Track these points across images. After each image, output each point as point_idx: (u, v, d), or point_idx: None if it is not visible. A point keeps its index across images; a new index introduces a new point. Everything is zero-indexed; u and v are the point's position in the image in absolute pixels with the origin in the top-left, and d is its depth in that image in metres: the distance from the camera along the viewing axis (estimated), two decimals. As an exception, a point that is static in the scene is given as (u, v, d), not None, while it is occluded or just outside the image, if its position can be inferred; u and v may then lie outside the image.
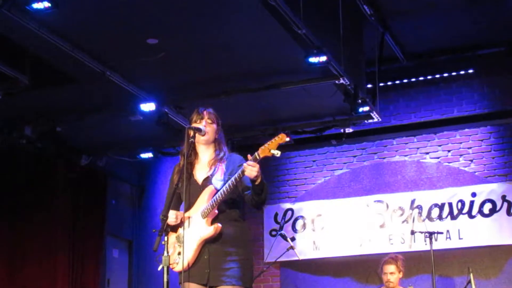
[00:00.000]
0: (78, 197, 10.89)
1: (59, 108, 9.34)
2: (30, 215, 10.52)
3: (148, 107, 9.10)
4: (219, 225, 5.14)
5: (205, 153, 5.42)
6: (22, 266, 10.40)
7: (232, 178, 5.05)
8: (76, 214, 10.80)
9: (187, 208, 5.25)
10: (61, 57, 7.82)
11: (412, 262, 8.90)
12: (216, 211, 5.16)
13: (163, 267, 4.99)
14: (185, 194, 5.20)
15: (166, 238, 5.06)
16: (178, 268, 5.22)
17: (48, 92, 8.83)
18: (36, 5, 6.67)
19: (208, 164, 5.36)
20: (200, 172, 5.36)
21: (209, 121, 5.36)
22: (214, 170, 5.30)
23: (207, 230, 5.13)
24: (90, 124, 9.79)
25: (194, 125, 5.31)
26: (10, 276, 10.36)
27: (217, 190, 5.16)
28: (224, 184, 5.16)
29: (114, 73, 8.37)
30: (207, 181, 5.28)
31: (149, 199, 12.08)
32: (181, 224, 5.23)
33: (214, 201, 5.09)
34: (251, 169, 4.91)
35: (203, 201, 5.20)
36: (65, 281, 10.40)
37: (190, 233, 5.18)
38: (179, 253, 5.24)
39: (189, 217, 5.23)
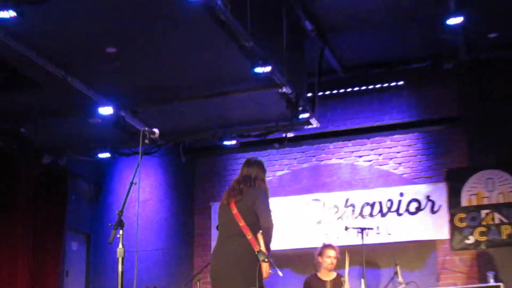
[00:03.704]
0: (40, 194, 10.74)
1: (23, 110, 9.21)
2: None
3: (106, 110, 9.03)
4: None
5: None
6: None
7: None
8: (37, 210, 10.65)
9: None
10: (25, 62, 7.73)
11: (345, 255, 8.93)
12: None
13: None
14: None
15: (121, 231, 5.03)
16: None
17: (13, 95, 8.70)
18: (1, 14, 6.56)
19: None
20: None
21: None
22: None
23: None
24: (52, 125, 9.69)
25: None
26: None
27: None
28: None
29: (74, 79, 8.28)
30: None
31: (106, 195, 11.99)
32: None
33: None
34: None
35: None
36: (26, 273, 10.24)
37: None
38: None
39: None
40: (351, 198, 10.42)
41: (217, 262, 6.10)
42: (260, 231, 5.98)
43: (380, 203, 10.25)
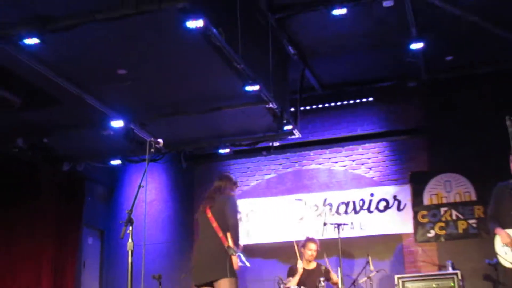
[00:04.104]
0: (60, 196, 10.70)
1: (45, 123, 9.16)
2: (21, 210, 10.27)
3: (117, 124, 8.99)
4: None
5: None
6: (12, 250, 10.14)
7: None
8: (59, 209, 10.61)
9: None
10: (48, 82, 7.69)
11: (324, 247, 8.92)
12: None
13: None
14: None
15: (130, 228, 5.03)
16: None
17: (37, 111, 8.66)
18: (27, 41, 6.56)
19: None
20: None
21: None
22: None
23: None
24: (71, 137, 9.64)
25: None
26: (1, 261, 10.09)
27: None
28: None
29: (90, 97, 8.26)
30: None
31: (118, 197, 11.94)
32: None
33: None
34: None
35: None
36: (49, 263, 10.19)
37: None
38: None
39: None
40: (329, 198, 10.42)
41: (197, 257, 6.42)
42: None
43: (354, 202, 10.25)
